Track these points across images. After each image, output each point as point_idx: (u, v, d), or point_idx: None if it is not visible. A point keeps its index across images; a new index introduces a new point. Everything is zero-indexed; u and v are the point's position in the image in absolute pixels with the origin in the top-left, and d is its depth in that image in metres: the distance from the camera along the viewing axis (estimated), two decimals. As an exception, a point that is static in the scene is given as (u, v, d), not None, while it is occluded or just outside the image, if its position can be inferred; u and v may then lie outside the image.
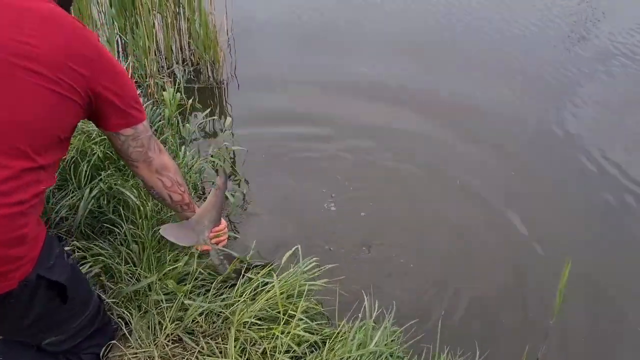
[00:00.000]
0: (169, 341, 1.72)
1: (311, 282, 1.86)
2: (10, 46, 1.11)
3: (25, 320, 1.31)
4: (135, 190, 2.08)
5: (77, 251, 1.96)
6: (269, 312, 1.77)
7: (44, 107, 1.16)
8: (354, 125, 3.50)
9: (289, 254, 1.90)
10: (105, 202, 2.10)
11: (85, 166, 2.13)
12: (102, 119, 1.34)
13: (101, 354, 1.63)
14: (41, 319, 1.34)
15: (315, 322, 1.79)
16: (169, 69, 3.82)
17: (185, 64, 3.95)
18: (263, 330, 1.72)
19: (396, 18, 5.22)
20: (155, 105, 3.03)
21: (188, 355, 1.70)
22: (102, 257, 1.92)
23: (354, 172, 3.09)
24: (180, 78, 3.69)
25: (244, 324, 1.72)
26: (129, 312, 1.77)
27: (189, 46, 3.96)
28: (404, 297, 2.26)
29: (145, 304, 1.80)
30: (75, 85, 1.20)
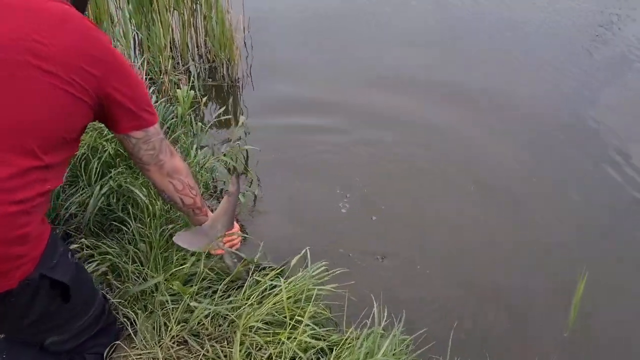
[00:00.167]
0: (174, 343, 1.70)
1: (320, 287, 1.82)
2: (26, 46, 1.11)
3: (26, 320, 1.30)
4: (145, 189, 2.07)
5: (85, 249, 1.95)
6: (275, 316, 1.73)
7: (58, 107, 1.16)
8: (369, 121, 3.44)
9: (299, 257, 1.87)
10: (115, 199, 2.09)
11: (96, 163, 2.14)
12: (113, 121, 1.34)
13: (105, 354, 1.61)
14: (42, 319, 1.33)
15: (323, 328, 1.76)
16: (184, 66, 3.81)
17: (201, 61, 3.94)
18: (269, 335, 1.69)
19: (413, 12, 5.19)
20: (169, 102, 3.02)
21: (193, 358, 1.67)
22: (110, 256, 1.91)
23: (369, 170, 3.04)
24: (195, 75, 3.68)
25: (250, 328, 1.69)
26: (134, 312, 1.76)
27: (205, 44, 3.95)
28: (415, 305, 2.20)
29: (151, 305, 1.79)
30: (86, 86, 1.20)
